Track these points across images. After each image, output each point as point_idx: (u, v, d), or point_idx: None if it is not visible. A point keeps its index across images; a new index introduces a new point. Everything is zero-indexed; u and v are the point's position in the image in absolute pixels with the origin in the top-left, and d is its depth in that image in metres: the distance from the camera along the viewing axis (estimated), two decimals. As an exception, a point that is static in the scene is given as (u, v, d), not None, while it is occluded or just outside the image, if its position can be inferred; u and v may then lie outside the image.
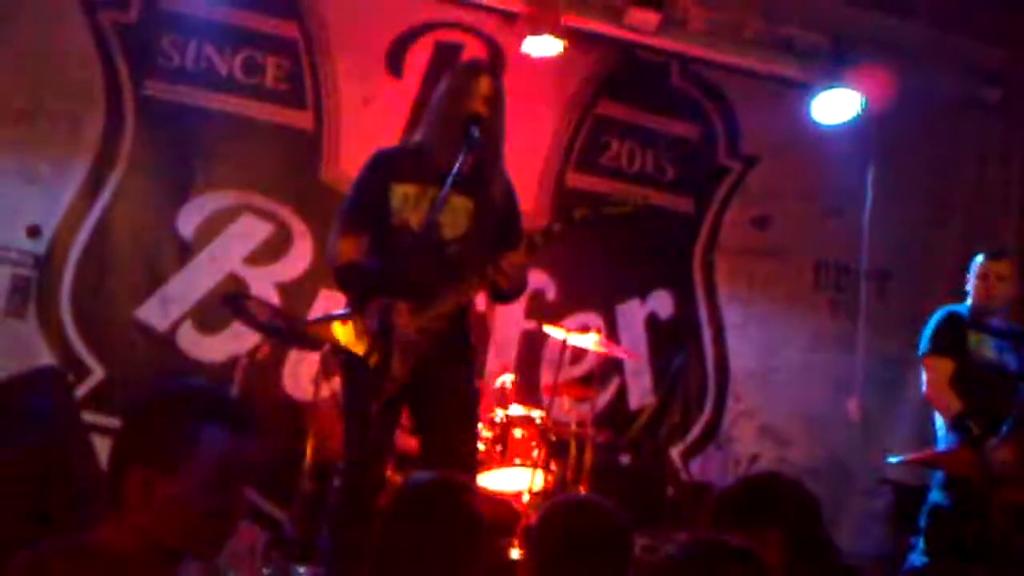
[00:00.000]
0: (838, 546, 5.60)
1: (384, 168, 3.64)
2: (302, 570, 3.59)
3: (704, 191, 6.60)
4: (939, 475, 4.61)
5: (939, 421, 4.72)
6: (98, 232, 5.34)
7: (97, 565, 1.65)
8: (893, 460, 5.41)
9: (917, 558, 4.56)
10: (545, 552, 2.10)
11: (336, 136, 5.74)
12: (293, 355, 5.42)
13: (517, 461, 4.85)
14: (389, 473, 4.04)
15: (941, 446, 4.67)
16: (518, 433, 4.91)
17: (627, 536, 2.15)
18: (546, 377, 5.81)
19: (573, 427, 5.13)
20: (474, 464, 3.72)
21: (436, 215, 3.44)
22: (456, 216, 3.55)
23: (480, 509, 2.19)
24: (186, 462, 1.72)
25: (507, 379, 5.16)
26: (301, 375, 5.37)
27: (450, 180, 3.37)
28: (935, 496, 4.58)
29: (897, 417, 6.49)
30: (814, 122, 6.17)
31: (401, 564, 2.07)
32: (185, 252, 5.41)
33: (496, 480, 4.82)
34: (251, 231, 5.52)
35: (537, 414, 4.98)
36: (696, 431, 6.42)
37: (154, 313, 5.32)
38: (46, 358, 5.11)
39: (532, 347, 6.03)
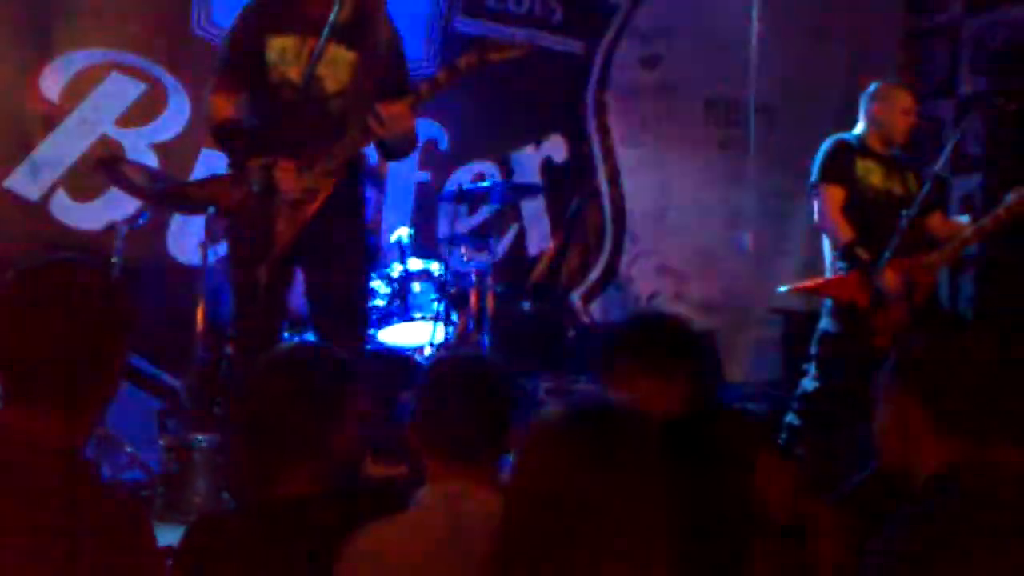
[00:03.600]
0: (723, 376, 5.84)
1: (257, 20, 3.46)
2: (200, 438, 3.56)
3: (593, 31, 6.49)
4: (828, 302, 4.74)
5: (827, 250, 4.83)
6: (-46, 98, 5.01)
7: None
8: (783, 289, 5.57)
9: (809, 383, 4.73)
10: (430, 405, 2.10)
11: (206, -14, 5.43)
12: (177, 219, 5.25)
13: (417, 315, 4.84)
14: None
15: (829, 274, 4.80)
16: (416, 287, 4.89)
17: (507, 383, 2.16)
18: (443, 228, 5.77)
19: (473, 277, 5.12)
20: (365, 319, 3.70)
21: (314, 67, 3.30)
22: (337, 68, 3.42)
23: (348, 366, 2.16)
24: None
25: (403, 232, 5.09)
26: (187, 240, 5.21)
27: (327, 30, 3.23)
28: (824, 323, 4.73)
29: (787, 248, 6.66)
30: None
31: (274, 430, 2.05)
32: (52, 115, 5.12)
33: (397, 335, 4.82)
34: (122, 90, 5.21)
35: (435, 266, 4.96)
36: (595, 273, 6.50)
37: (24, 182, 5.05)
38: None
39: (428, 199, 5.96)
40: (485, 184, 5.59)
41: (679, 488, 1.49)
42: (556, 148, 6.40)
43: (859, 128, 4.86)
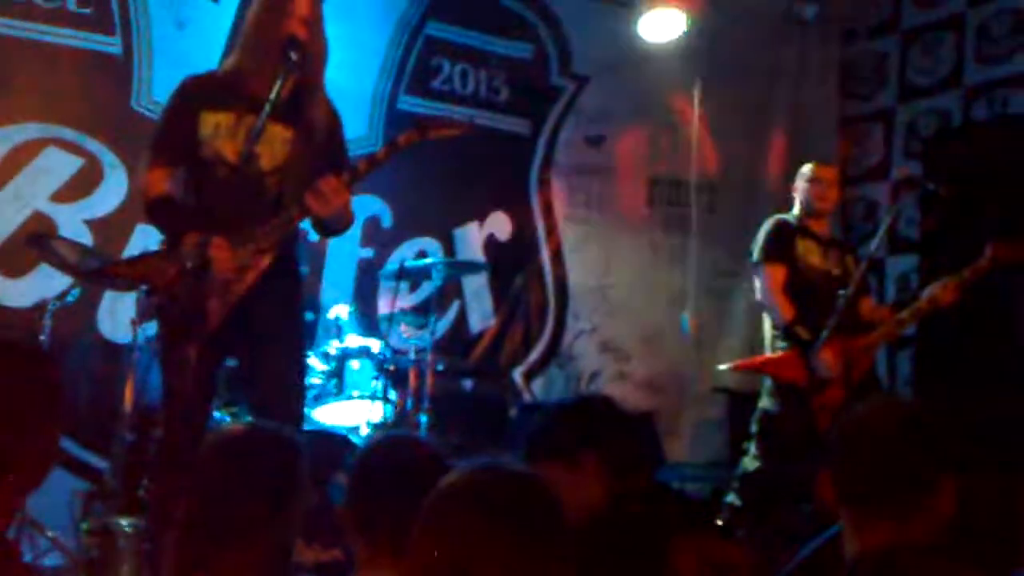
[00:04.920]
0: (663, 457, 5.81)
1: (193, 95, 3.44)
2: (124, 522, 3.45)
3: (538, 111, 6.57)
4: (768, 381, 4.77)
5: (767, 328, 4.87)
6: None
7: None
8: (724, 367, 5.59)
9: (749, 462, 4.73)
10: (361, 489, 2.06)
11: (148, 63, 5.41)
12: (108, 297, 5.15)
13: (355, 393, 4.77)
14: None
15: (769, 352, 4.83)
16: (355, 364, 4.83)
17: (442, 467, 2.12)
18: (383, 306, 5.73)
19: (412, 355, 5.07)
20: (301, 401, 3.64)
21: (253, 145, 3.28)
22: (274, 146, 3.40)
23: (295, 451, 2.11)
24: None
25: (342, 309, 5.04)
26: (118, 318, 5.10)
27: (267, 107, 3.21)
28: (764, 402, 4.75)
29: (728, 326, 6.70)
30: (643, 41, 6.19)
31: (216, 517, 1.99)
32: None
33: (333, 414, 4.73)
34: (58, 165, 5.15)
35: (375, 343, 4.90)
36: (538, 351, 6.48)
37: (-46, 258, 4.95)
38: None
39: (369, 275, 5.93)
40: (427, 261, 5.57)
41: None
42: (500, 225, 6.42)
43: (796, 209, 4.95)
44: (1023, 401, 4.84)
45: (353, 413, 4.72)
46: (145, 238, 4.96)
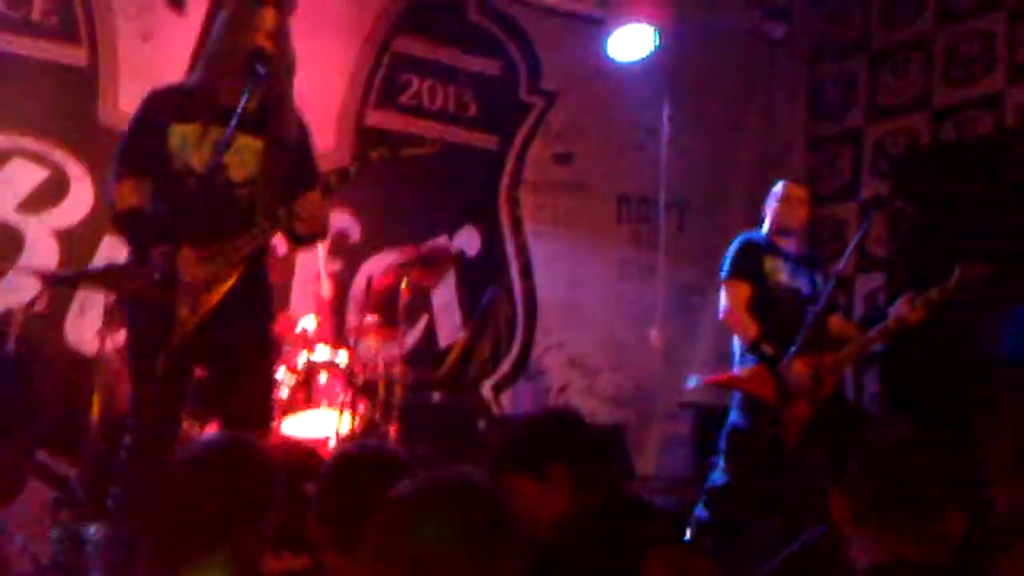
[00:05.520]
0: (633, 471, 5.82)
1: (160, 108, 3.42)
2: (92, 530, 3.41)
3: (507, 127, 6.59)
4: (737, 396, 4.79)
5: (736, 344, 4.89)
6: None
7: None
8: (692, 383, 5.61)
9: (718, 476, 4.74)
10: (332, 497, 2.05)
11: (114, 74, 5.37)
12: (76, 306, 5.10)
13: (323, 405, 4.75)
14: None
15: (738, 368, 4.85)
16: (323, 377, 4.81)
17: (408, 473, 2.11)
18: (352, 319, 5.70)
19: (381, 367, 5.05)
20: (269, 412, 3.62)
21: (221, 156, 3.27)
22: (243, 157, 3.38)
23: (270, 461, 2.10)
24: None
25: (310, 322, 5.02)
26: (85, 327, 5.05)
27: (235, 119, 3.20)
28: (733, 417, 4.76)
29: (696, 342, 6.73)
30: (612, 58, 6.23)
31: (189, 525, 1.98)
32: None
33: (301, 426, 4.71)
34: (24, 176, 5.11)
35: (342, 356, 4.88)
36: (506, 365, 6.48)
37: (-80, 269, 4.89)
38: None
39: (337, 289, 5.90)
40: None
41: None
42: (469, 239, 6.42)
43: (765, 227, 4.98)
44: (988, 419, 4.89)
45: (321, 425, 4.70)
46: (112, 249, 4.93)
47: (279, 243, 5.32)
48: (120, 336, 4.12)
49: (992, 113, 6.06)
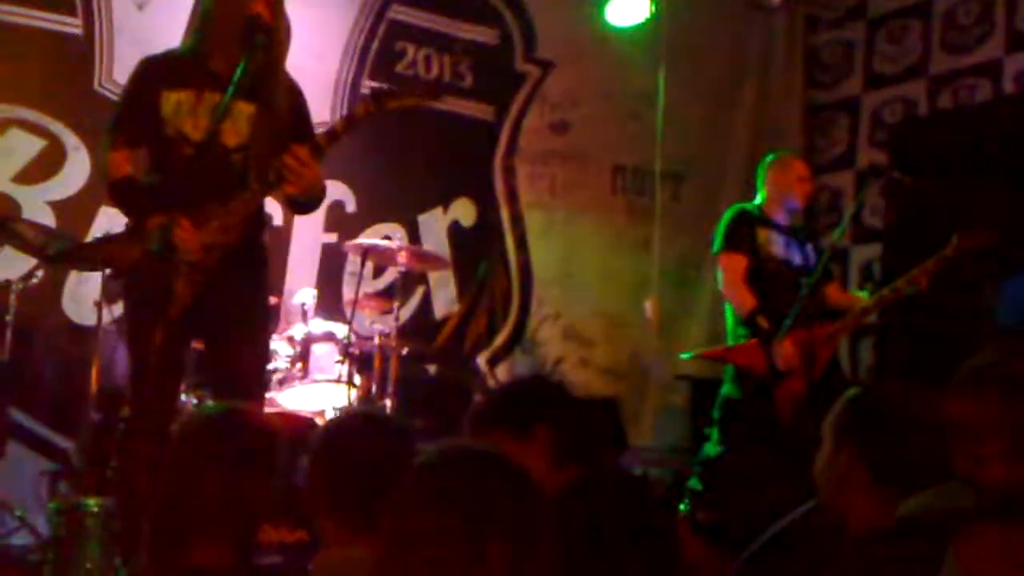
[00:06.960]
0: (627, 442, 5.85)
1: (152, 75, 3.41)
2: (91, 502, 3.42)
3: (502, 97, 6.55)
4: (730, 369, 4.81)
5: (730, 317, 4.90)
6: None
7: None
8: (687, 356, 5.63)
9: (711, 448, 4.77)
10: (328, 465, 2.06)
11: (109, 43, 5.34)
12: (73, 278, 5.10)
13: (319, 377, 4.76)
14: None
15: (732, 341, 4.87)
16: (319, 349, 4.82)
17: (405, 439, 2.12)
18: (348, 291, 5.71)
19: (377, 340, 5.06)
20: (263, 384, 3.63)
21: (220, 122, 3.25)
22: (238, 122, 3.37)
23: (270, 430, 2.12)
24: None
25: (307, 294, 5.02)
26: (83, 299, 5.05)
27: (233, 87, 3.19)
28: (727, 389, 4.78)
29: (691, 314, 6.75)
30: (609, 26, 6.20)
31: (189, 496, 2.00)
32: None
33: (298, 398, 4.73)
34: (20, 147, 5.08)
35: (339, 328, 4.89)
36: (502, 337, 6.48)
37: (-86, 241, 4.86)
38: None
39: (333, 261, 5.91)
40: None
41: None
42: (464, 211, 6.41)
43: (759, 198, 4.98)
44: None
45: (318, 397, 4.72)
46: (109, 220, 4.92)
47: (275, 213, 5.37)
48: (118, 307, 4.13)
49: (991, 80, 6.05)
